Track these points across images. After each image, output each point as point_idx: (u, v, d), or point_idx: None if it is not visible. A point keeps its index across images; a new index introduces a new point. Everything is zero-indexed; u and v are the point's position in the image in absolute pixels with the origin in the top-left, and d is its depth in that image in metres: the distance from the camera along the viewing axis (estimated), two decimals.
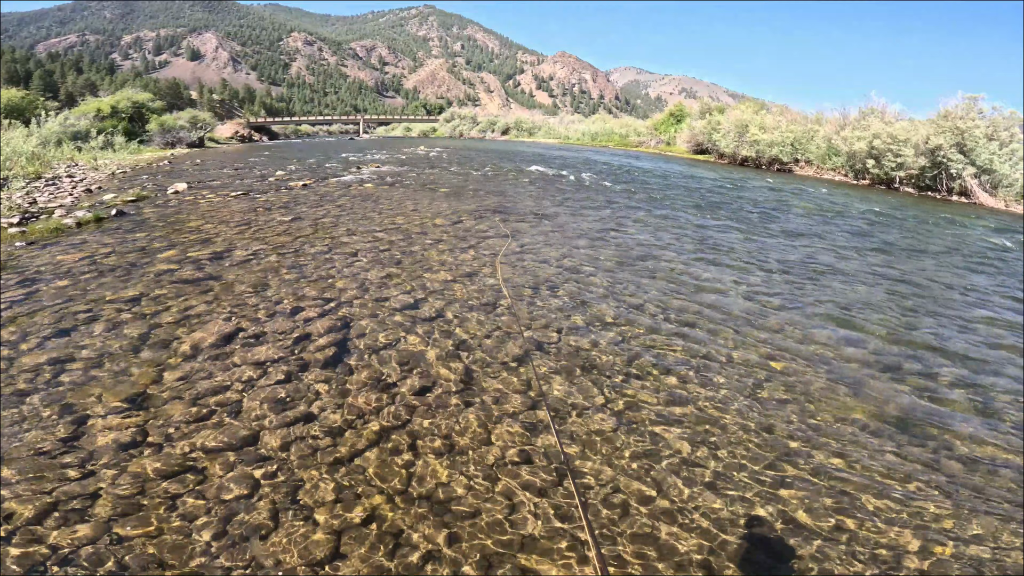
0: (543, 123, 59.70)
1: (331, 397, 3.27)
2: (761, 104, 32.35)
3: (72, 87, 77.19)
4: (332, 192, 11.42)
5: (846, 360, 4.10)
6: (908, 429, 3.22)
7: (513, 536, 2.28)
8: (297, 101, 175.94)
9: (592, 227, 8.47)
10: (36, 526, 2.21)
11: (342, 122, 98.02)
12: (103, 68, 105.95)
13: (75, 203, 9.38)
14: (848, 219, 11.09)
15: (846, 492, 2.64)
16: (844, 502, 2.56)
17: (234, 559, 2.10)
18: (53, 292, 4.75)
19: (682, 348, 4.13)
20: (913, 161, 18.99)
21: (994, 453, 3.03)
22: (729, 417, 3.23)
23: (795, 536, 2.35)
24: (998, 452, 3.04)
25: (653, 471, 2.73)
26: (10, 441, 2.73)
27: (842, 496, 2.61)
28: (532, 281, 5.54)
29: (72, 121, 24.38)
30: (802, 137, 24.95)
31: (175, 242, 6.69)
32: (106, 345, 3.78)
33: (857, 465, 2.84)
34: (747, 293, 5.50)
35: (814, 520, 2.44)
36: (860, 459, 2.90)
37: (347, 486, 2.52)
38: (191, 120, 35.05)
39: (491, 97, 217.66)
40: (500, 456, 2.80)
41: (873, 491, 2.65)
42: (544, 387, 3.48)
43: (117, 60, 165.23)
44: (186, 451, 2.72)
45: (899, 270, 6.94)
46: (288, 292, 4.95)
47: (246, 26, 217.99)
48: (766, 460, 2.85)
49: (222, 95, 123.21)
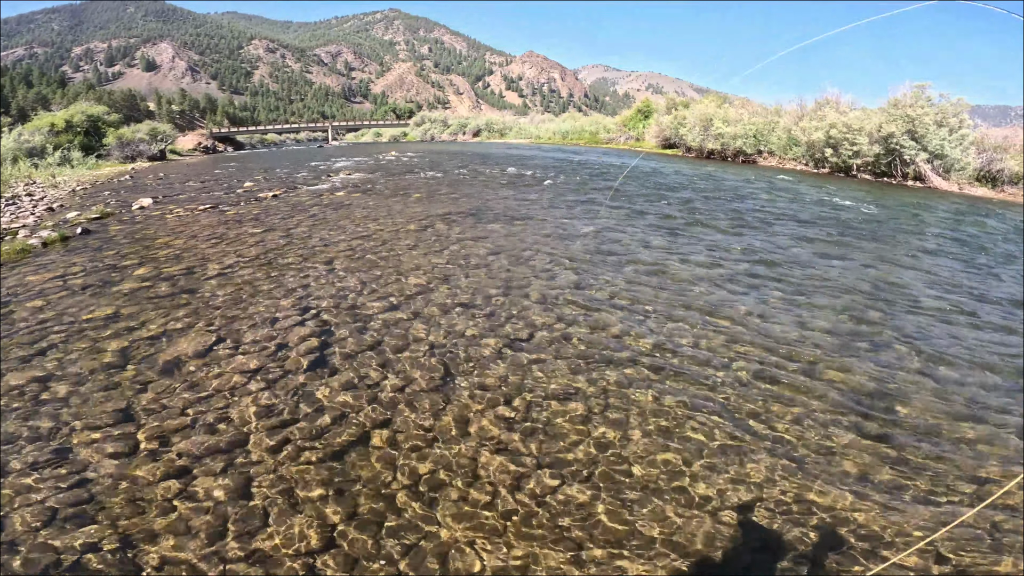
0: (514, 123, 59.91)
1: (315, 400, 3.40)
2: (724, 98, 33.21)
3: (23, 101, 74.04)
4: (304, 202, 11.41)
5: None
6: (863, 402, 3.52)
7: (495, 520, 2.47)
8: (262, 110, 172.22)
9: (567, 225, 8.70)
10: (38, 532, 2.31)
11: (310, 129, 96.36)
12: (54, 81, 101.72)
13: (38, 223, 9.18)
14: (805, 205, 11.61)
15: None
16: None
17: (230, 555, 2.24)
18: (27, 313, 4.74)
19: (650, 337, 4.37)
20: (868, 149, 19.81)
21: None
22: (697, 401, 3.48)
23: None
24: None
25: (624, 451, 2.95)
26: (5, 455, 2.80)
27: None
28: (508, 281, 5.73)
29: (27, 137, 23.57)
30: (764, 129, 25.74)
31: (146, 258, 6.66)
32: (88, 362, 3.83)
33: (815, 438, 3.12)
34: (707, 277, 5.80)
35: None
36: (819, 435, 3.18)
37: (334, 482, 2.67)
38: (150, 132, 34.08)
39: (461, 99, 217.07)
40: (477, 447, 2.98)
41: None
42: (519, 380, 3.67)
43: (68, 72, 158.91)
44: (177, 456, 2.83)
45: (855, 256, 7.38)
46: (265, 303, 5.03)
47: (203, 35, 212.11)
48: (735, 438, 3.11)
49: (181, 105, 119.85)
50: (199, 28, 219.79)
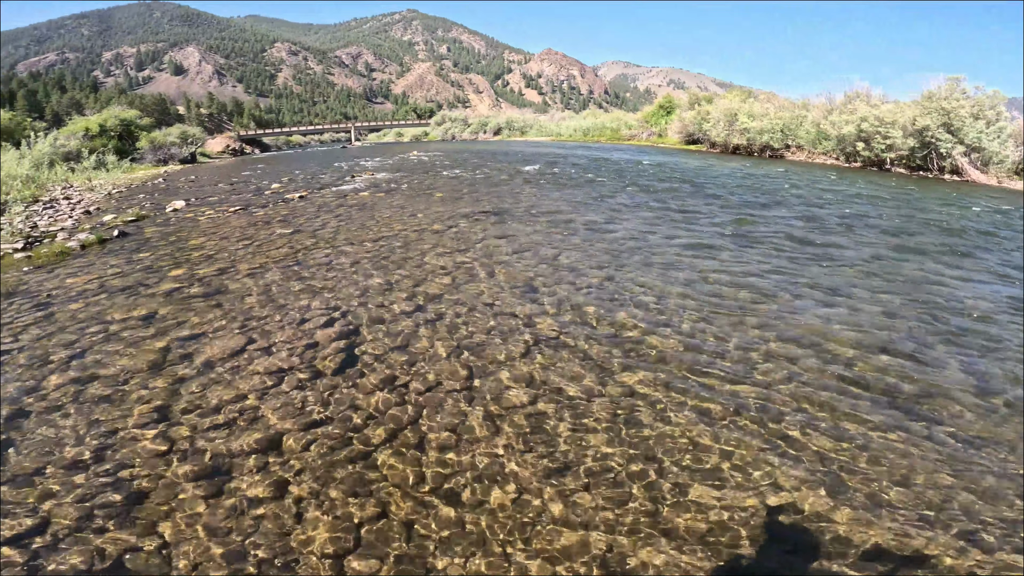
0: (534, 121, 59.76)
1: (344, 400, 3.42)
2: (748, 92, 32.54)
3: (57, 106, 76.72)
4: (329, 202, 11.55)
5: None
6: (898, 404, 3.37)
7: (522, 521, 2.44)
8: (286, 112, 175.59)
9: (593, 224, 8.61)
10: (80, 532, 2.36)
11: (333, 130, 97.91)
12: (86, 86, 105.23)
13: (76, 225, 9.49)
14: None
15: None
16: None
17: (262, 555, 2.26)
18: (68, 315, 4.89)
19: (678, 339, 4.28)
20: (902, 142, 19.19)
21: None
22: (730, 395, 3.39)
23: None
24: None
25: (653, 455, 2.88)
26: (46, 456, 2.88)
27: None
28: (533, 281, 5.68)
29: (62, 141, 24.40)
30: (791, 123, 25.13)
31: (180, 260, 6.82)
32: (126, 362, 3.93)
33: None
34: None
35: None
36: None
37: (365, 480, 2.68)
38: (181, 136, 35.09)
39: (481, 98, 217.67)
40: (505, 447, 2.95)
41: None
42: (545, 380, 3.62)
43: (100, 77, 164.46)
44: (212, 457, 2.88)
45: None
46: (294, 303, 5.10)
47: (227, 38, 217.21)
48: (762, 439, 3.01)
49: (210, 109, 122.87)
50: (223, 32, 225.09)
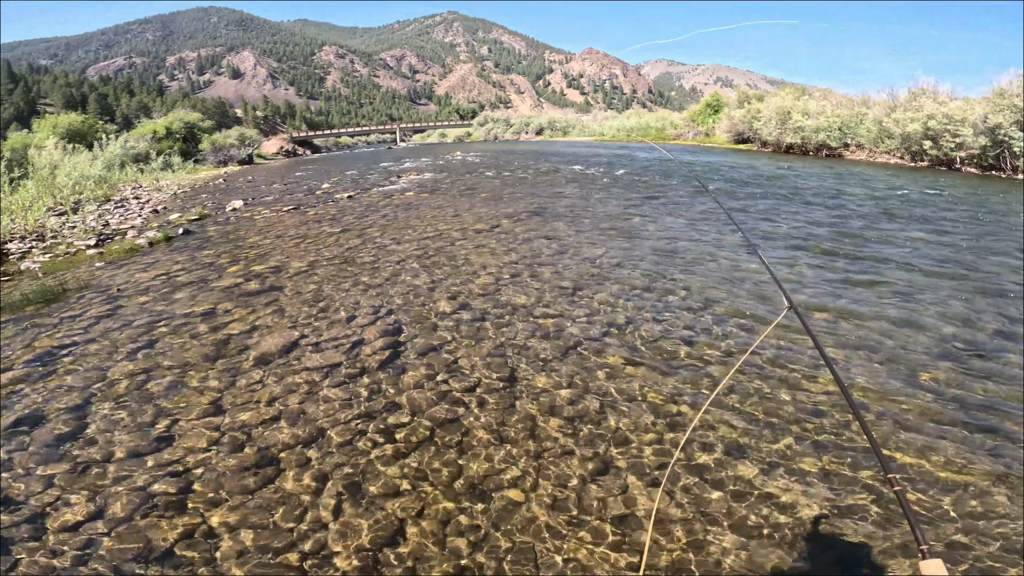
0: (577, 121, 59.37)
1: (388, 396, 3.48)
2: (802, 90, 31.13)
3: (127, 109, 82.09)
4: (376, 202, 11.85)
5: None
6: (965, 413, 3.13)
7: (556, 521, 2.40)
8: (335, 113, 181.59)
9: (637, 228, 8.45)
10: (133, 520, 2.49)
11: (379, 132, 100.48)
12: (153, 89, 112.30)
13: (145, 224, 10.12)
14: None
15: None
16: None
17: (305, 548, 2.32)
18: (135, 308, 5.21)
19: (720, 344, 4.12)
20: (973, 141, 17.93)
21: None
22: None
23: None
24: None
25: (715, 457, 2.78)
26: (110, 444, 3.06)
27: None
28: (577, 282, 5.62)
29: (132, 144, 26.15)
30: (850, 121, 23.90)
31: (238, 257, 7.15)
32: (187, 355, 4.14)
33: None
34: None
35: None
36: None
37: (405, 476, 2.71)
38: (239, 138, 36.91)
39: (522, 98, 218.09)
40: (545, 449, 2.92)
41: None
42: (587, 382, 3.57)
43: (164, 81, 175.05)
44: (259, 450, 2.99)
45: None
46: (342, 301, 5.25)
47: (279, 42, 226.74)
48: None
49: (264, 111, 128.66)
50: (275, 36, 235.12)
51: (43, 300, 5.53)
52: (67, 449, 3.02)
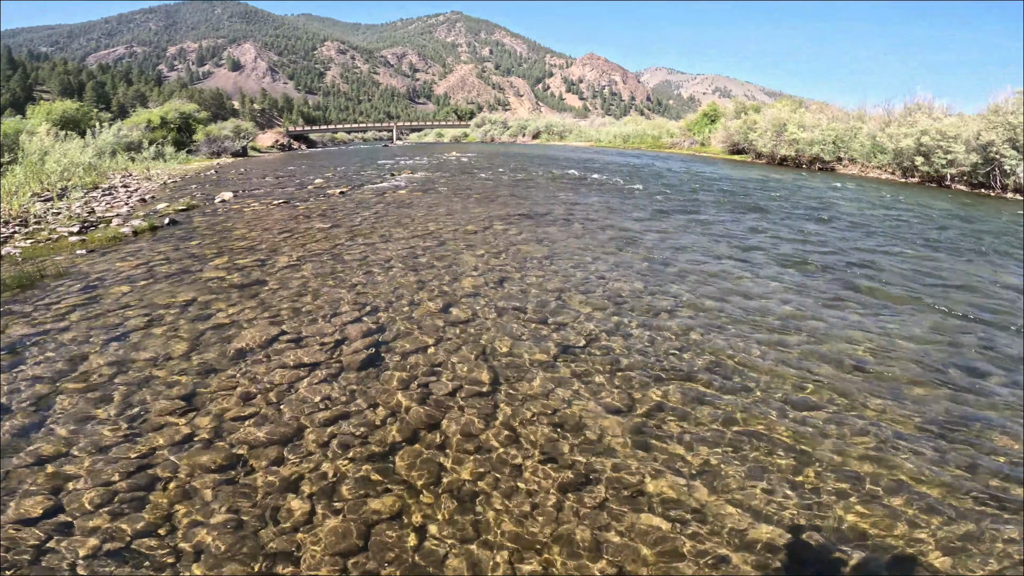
0: (574, 126, 59.56)
1: (367, 397, 3.40)
2: (799, 102, 31.40)
3: (123, 98, 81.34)
4: (368, 199, 11.74)
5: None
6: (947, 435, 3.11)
7: (537, 530, 2.34)
8: (332, 109, 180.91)
9: (630, 234, 8.43)
10: (95, 517, 2.40)
11: (376, 129, 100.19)
12: (151, 79, 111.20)
13: (131, 212, 9.96)
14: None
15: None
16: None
17: (271, 550, 2.24)
18: (113, 297, 5.09)
19: (712, 354, 4.09)
20: (964, 157, 18.12)
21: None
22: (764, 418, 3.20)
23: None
24: None
25: (679, 474, 2.73)
26: (75, 437, 2.97)
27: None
28: (564, 288, 5.58)
29: (125, 132, 25.80)
30: (844, 135, 24.11)
31: (223, 249, 7.03)
32: (162, 347, 4.04)
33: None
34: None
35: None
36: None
37: (380, 479, 2.64)
38: (235, 130, 36.61)
39: (521, 101, 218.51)
40: (526, 455, 2.86)
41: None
42: (570, 391, 3.51)
43: (164, 71, 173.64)
44: (232, 446, 2.90)
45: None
46: (328, 297, 5.15)
47: (281, 36, 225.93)
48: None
49: (262, 104, 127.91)
50: (278, 29, 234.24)
51: (19, 286, 5.39)
52: (29, 441, 2.92)
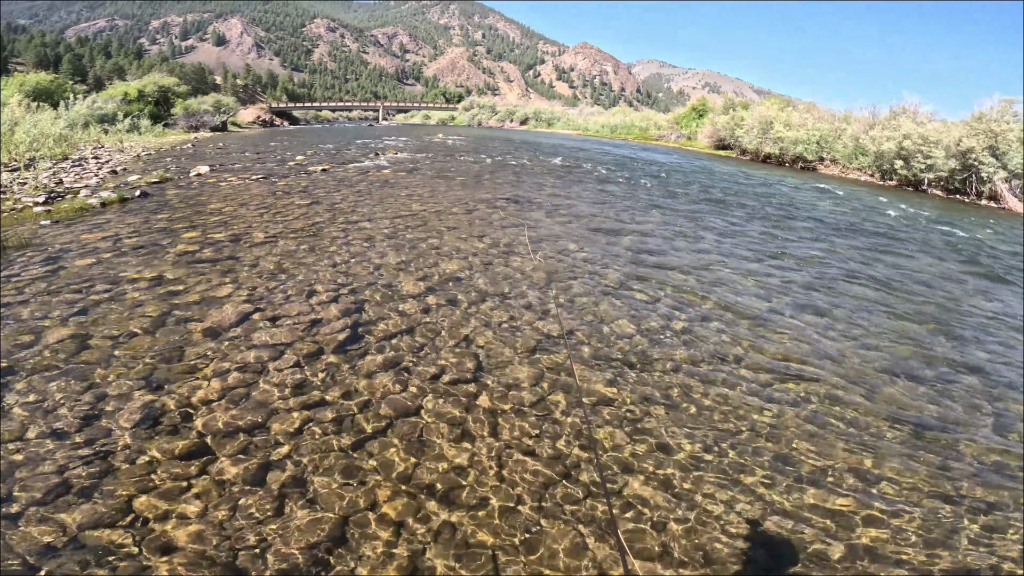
0: (562, 114, 59.20)
1: (343, 381, 3.29)
2: (787, 101, 31.60)
3: (100, 71, 78.35)
4: (350, 177, 11.47)
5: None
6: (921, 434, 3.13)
7: (516, 519, 2.27)
8: (318, 87, 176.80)
9: (613, 222, 8.37)
10: (47, 506, 2.24)
11: (362, 108, 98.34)
12: (131, 52, 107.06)
13: (100, 184, 9.56)
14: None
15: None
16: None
17: (239, 544, 2.13)
18: (76, 270, 4.85)
19: (688, 347, 4.07)
20: (943, 163, 18.44)
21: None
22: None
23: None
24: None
25: (662, 465, 2.70)
26: (29, 419, 2.80)
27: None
28: (549, 274, 5.50)
29: (99, 104, 24.80)
30: (828, 135, 24.36)
31: (196, 223, 6.78)
32: (127, 324, 3.85)
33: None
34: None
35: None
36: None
37: (355, 469, 2.54)
38: (215, 104, 35.52)
39: (511, 87, 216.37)
40: (507, 444, 2.79)
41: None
42: (555, 376, 3.45)
43: (145, 45, 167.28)
44: (200, 431, 2.76)
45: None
46: (304, 276, 4.99)
47: (270, 12, 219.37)
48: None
49: (245, 80, 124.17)
50: (267, 4, 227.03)
51: None
52: None
